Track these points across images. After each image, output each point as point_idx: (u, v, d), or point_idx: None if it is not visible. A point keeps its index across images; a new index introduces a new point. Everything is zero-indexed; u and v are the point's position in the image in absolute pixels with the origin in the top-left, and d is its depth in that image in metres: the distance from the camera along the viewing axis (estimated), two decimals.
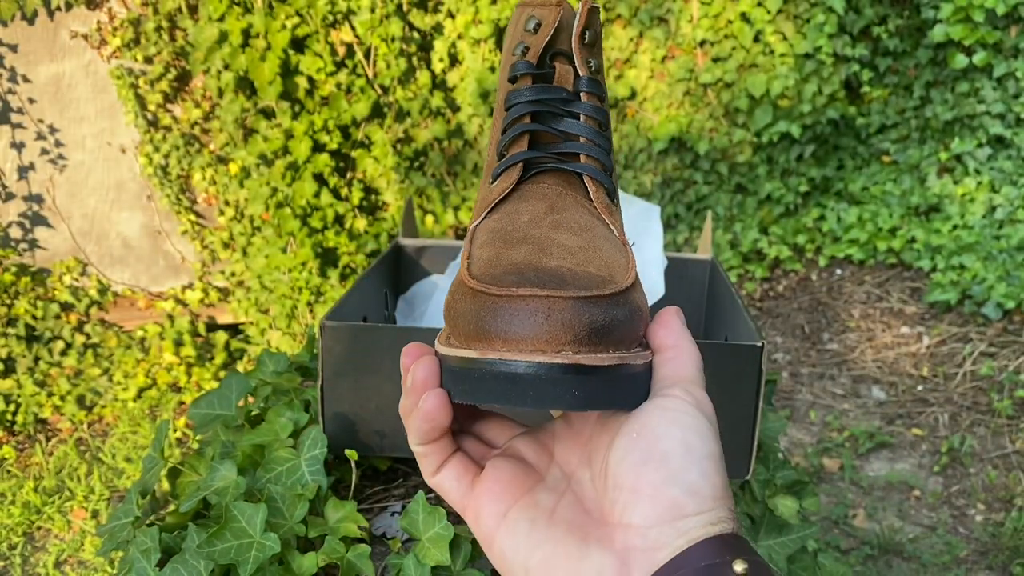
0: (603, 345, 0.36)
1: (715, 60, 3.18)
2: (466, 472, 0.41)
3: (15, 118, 2.91)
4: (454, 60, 3.09)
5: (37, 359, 2.98)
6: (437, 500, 0.75)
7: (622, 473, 0.36)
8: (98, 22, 2.88)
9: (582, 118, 0.46)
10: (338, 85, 2.88)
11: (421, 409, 0.38)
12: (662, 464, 0.35)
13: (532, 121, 0.46)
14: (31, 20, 2.84)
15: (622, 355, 0.36)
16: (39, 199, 3.02)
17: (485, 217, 0.44)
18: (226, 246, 3.18)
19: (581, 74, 0.47)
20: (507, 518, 0.39)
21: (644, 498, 0.35)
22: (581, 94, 0.47)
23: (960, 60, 3.15)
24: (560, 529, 0.38)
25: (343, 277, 3.01)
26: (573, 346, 0.35)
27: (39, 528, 2.43)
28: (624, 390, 0.37)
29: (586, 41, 0.47)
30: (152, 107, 2.99)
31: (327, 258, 3.00)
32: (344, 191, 3.00)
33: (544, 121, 0.46)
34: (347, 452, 0.78)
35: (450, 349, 0.38)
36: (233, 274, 3.17)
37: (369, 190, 3.09)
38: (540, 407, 0.35)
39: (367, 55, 2.92)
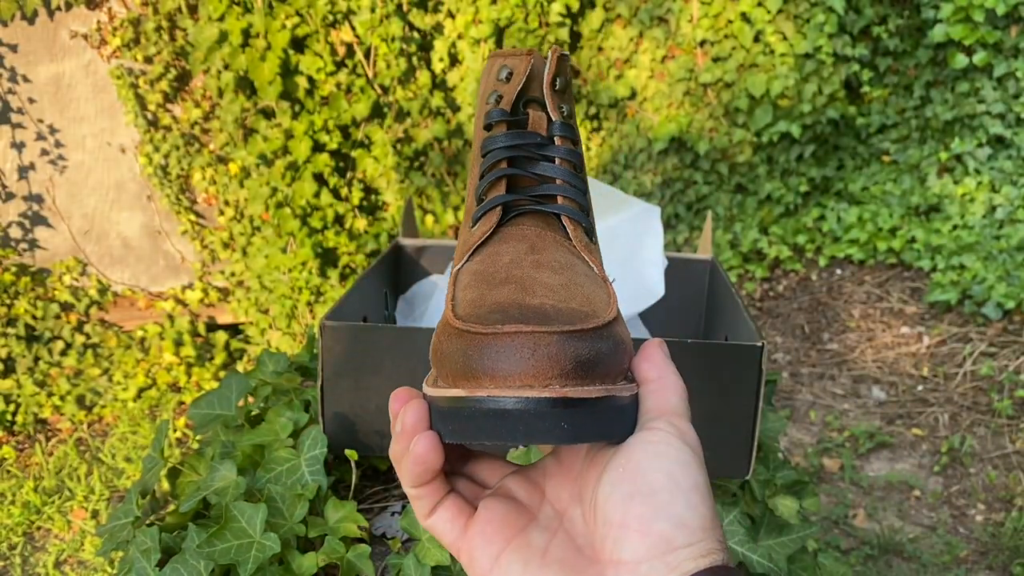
0: (589, 378, 0.36)
1: (715, 60, 3.18)
2: (460, 514, 0.41)
3: (15, 118, 2.91)
4: (454, 60, 3.09)
5: (37, 359, 2.98)
6: None
7: (610, 509, 0.36)
8: (98, 22, 2.88)
9: (557, 161, 0.47)
10: (338, 85, 2.88)
11: (413, 452, 0.38)
12: (649, 498, 0.35)
13: (509, 166, 0.47)
14: (31, 20, 2.84)
15: (608, 387, 0.37)
16: (39, 199, 3.02)
17: (467, 260, 0.45)
18: (226, 246, 3.18)
19: (554, 119, 0.48)
20: (500, 560, 0.39)
21: (633, 533, 0.35)
22: (555, 138, 0.48)
23: (960, 60, 3.15)
24: (553, 569, 0.38)
25: (343, 277, 3.01)
26: (560, 380, 0.35)
27: (39, 528, 2.43)
28: (612, 422, 0.37)
29: (557, 88, 0.48)
30: (152, 107, 2.99)
31: (327, 258, 3.00)
32: (344, 191, 3.00)
33: (520, 165, 0.47)
34: (347, 452, 0.78)
35: (438, 390, 0.38)
36: (233, 274, 3.17)
37: (369, 190, 3.10)
38: (530, 442, 0.36)
39: (367, 55, 2.92)
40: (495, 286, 0.41)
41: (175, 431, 2.80)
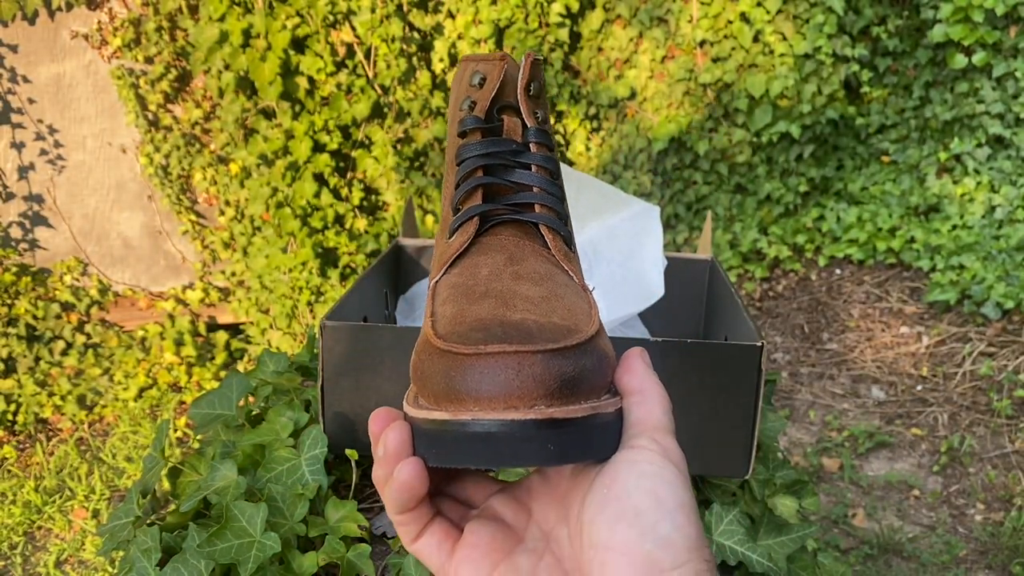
0: (574, 396, 0.35)
1: (715, 60, 3.18)
2: (446, 538, 0.41)
3: (15, 118, 2.91)
4: (454, 60, 3.09)
5: (38, 359, 2.98)
6: None
7: (596, 531, 0.35)
8: (99, 22, 2.88)
9: (533, 168, 0.47)
10: (338, 85, 2.88)
11: (397, 480, 0.37)
12: (635, 519, 0.34)
13: (484, 174, 0.46)
14: (32, 20, 2.84)
15: (593, 404, 0.36)
16: (39, 199, 3.02)
17: (445, 272, 0.44)
18: (227, 246, 3.18)
19: (529, 125, 0.47)
20: None
21: (619, 556, 0.34)
22: (531, 145, 0.47)
23: (959, 60, 3.15)
24: None
25: (343, 277, 3.01)
26: (545, 400, 0.35)
27: (40, 528, 2.44)
28: (598, 440, 0.37)
29: (531, 93, 0.47)
30: (153, 107, 2.99)
31: (327, 258, 3.00)
32: (344, 191, 3.01)
33: (496, 173, 0.47)
34: (347, 452, 0.78)
35: (420, 411, 0.37)
36: (233, 274, 3.17)
37: (369, 190, 3.10)
38: (517, 465, 0.35)
39: (367, 55, 2.92)
40: (475, 300, 0.40)
41: (176, 431, 2.80)
